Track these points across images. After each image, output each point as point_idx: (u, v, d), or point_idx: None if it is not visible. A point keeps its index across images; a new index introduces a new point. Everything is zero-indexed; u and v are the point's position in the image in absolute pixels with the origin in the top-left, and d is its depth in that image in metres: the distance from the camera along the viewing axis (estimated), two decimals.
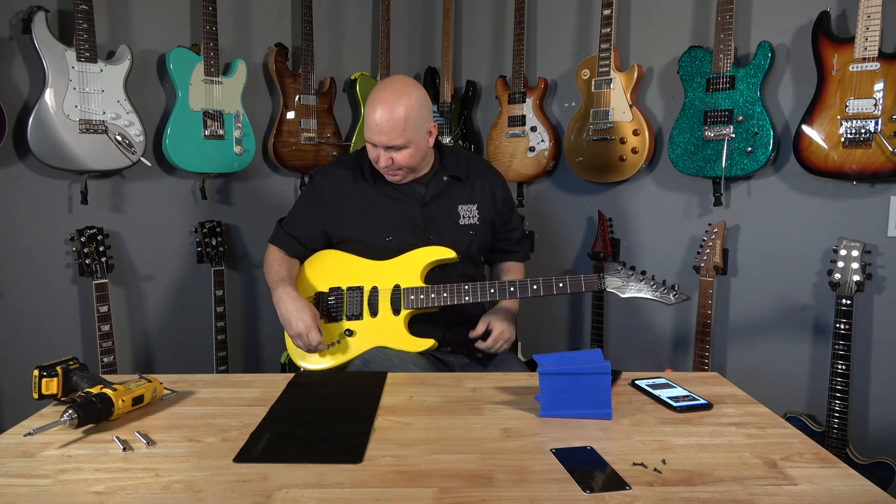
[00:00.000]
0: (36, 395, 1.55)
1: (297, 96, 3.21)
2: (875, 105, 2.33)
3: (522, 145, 3.29)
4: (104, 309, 2.66)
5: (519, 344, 3.27)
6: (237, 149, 3.01)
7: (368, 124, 2.07)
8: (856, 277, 2.36)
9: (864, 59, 2.34)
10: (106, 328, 2.66)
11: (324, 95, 3.30)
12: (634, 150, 2.92)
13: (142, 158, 2.77)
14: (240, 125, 3.01)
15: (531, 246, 3.28)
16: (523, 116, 3.29)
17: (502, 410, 1.55)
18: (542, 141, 3.25)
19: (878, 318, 2.52)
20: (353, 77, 3.47)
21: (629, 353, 3.17)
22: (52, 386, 1.54)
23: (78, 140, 2.60)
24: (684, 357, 3.00)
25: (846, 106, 2.38)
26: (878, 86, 2.32)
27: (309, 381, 1.78)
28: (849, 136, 2.38)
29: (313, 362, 2.17)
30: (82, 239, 2.67)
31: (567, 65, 3.27)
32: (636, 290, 2.03)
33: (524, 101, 3.28)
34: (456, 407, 1.58)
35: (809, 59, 2.49)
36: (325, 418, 1.49)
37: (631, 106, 2.93)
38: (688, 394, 1.63)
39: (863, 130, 2.35)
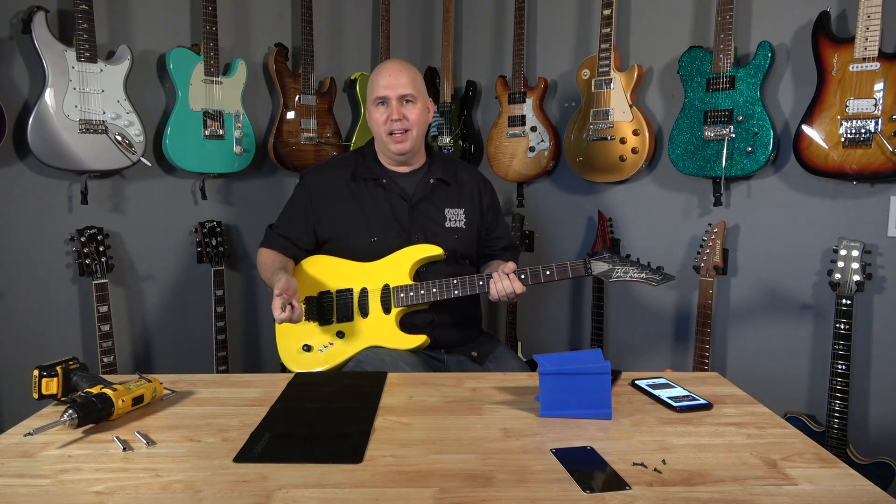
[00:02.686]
0: (36, 395, 1.55)
1: (297, 96, 3.21)
2: (875, 105, 2.32)
3: (522, 145, 3.29)
4: (104, 309, 2.66)
5: (519, 344, 3.37)
6: (237, 149, 3.01)
7: (380, 80, 2.18)
8: (856, 277, 2.36)
9: (864, 59, 2.33)
10: (106, 328, 2.66)
11: (324, 95, 3.30)
12: (634, 150, 2.91)
13: (142, 158, 2.78)
14: (240, 125, 3.01)
15: (530, 246, 3.38)
16: (523, 116, 3.28)
17: (502, 410, 1.54)
18: (542, 141, 3.24)
19: (878, 318, 2.50)
20: (353, 77, 3.47)
21: (629, 353, 3.16)
22: (52, 386, 1.54)
23: (78, 140, 2.60)
24: (684, 357, 2.99)
25: (846, 106, 2.37)
26: (878, 86, 2.31)
27: (309, 381, 1.78)
28: (849, 136, 2.37)
29: (307, 367, 2.15)
30: (82, 239, 2.67)
31: (567, 65, 3.26)
32: (622, 273, 2.04)
33: (524, 101, 3.28)
34: (456, 407, 1.57)
35: (809, 59, 2.48)
36: (325, 418, 1.48)
37: (631, 106, 2.92)
38: (688, 394, 1.63)
39: (863, 130, 2.34)
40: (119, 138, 2.68)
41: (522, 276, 2.07)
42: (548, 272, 2.07)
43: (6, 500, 1.13)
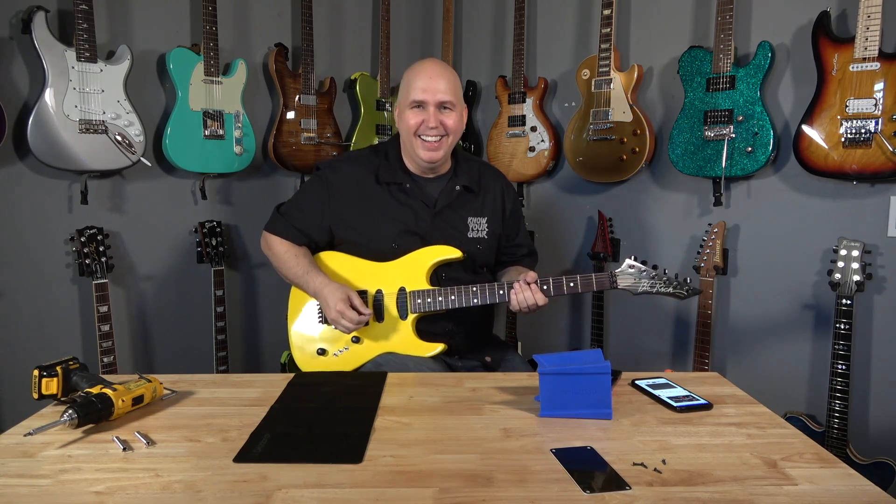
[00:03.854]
0: (36, 395, 1.54)
1: (297, 96, 3.21)
2: (875, 105, 2.31)
3: (522, 145, 3.28)
4: (104, 309, 2.66)
5: (519, 343, 3.35)
6: (237, 149, 3.01)
7: (418, 82, 2.05)
8: (856, 277, 2.35)
9: (864, 58, 2.32)
10: (106, 328, 2.66)
11: (324, 95, 3.29)
12: (634, 150, 2.90)
13: (142, 158, 2.77)
14: (240, 125, 3.00)
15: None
16: (523, 116, 3.27)
17: (502, 410, 1.54)
18: (542, 141, 3.23)
19: (878, 318, 2.50)
20: (353, 77, 3.46)
21: (629, 353, 3.15)
22: (52, 386, 1.53)
23: (78, 140, 2.60)
24: (684, 357, 2.98)
25: (846, 106, 2.36)
26: (878, 86, 2.31)
27: (309, 381, 1.77)
28: (849, 135, 2.36)
29: (318, 368, 2.13)
30: (82, 239, 2.66)
31: (567, 65, 3.26)
32: (649, 286, 1.98)
33: (524, 101, 3.27)
34: (456, 407, 1.57)
35: (809, 59, 2.47)
36: (325, 418, 1.48)
37: (631, 106, 2.91)
38: (688, 394, 1.62)
39: (863, 130, 2.33)
40: (119, 138, 2.68)
41: (545, 287, 2.00)
42: (571, 284, 2.00)
43: (6, 500, 1.12)
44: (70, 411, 1.37)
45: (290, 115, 3.20)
